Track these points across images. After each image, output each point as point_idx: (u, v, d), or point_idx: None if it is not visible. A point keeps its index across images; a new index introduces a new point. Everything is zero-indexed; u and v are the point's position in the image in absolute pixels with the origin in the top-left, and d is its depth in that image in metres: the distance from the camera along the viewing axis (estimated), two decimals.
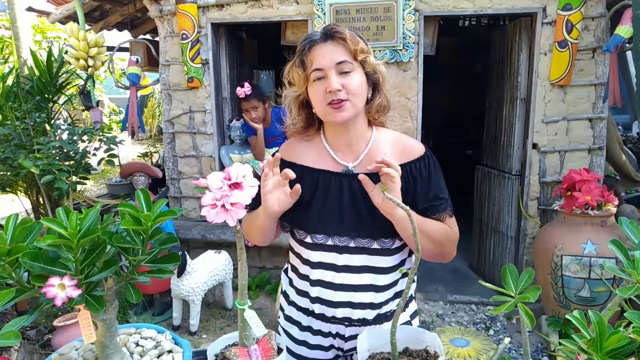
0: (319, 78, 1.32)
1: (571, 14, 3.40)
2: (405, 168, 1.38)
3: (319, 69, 1.31)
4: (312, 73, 1.32)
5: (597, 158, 3.69)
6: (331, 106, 1.31)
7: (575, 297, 3.23)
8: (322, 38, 1.33)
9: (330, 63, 1.30)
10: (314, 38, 1.34)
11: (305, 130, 1.48)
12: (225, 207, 0.96)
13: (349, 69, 1.30)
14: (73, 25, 4.20)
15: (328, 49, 1.31)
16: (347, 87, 1.30)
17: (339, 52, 1.31)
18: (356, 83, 1.31)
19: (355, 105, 1.32)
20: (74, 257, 0.98)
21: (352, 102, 1.31)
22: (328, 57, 1.30)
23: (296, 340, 1.53)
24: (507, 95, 4.03)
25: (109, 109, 11.82)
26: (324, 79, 1.31)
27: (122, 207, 1.02)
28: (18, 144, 3.69)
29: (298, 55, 1.36)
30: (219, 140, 4.27)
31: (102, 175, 9.21)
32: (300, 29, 4.01)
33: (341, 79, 1.30)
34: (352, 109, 1.32)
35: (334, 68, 1.30)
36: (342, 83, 1.29)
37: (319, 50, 1.32)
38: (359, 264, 1.38)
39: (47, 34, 10.25)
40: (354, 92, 1.31)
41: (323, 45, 1.32)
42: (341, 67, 1.30)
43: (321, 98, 1.32)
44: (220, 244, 4.13)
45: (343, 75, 1.30)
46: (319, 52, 1.32)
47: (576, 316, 0.85)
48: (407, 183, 1.37)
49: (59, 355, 1.21)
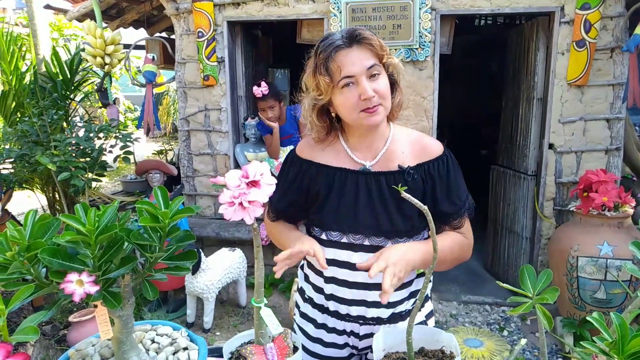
0: (347, 84, 1.29)
1: (589, 13, 3.35)
2: (423, 167, 1.38)
3: (350, 75, 1.27)
4: (341, 80, 1.28)
5: (614, 159, 3.64)
6: (365, 112, 1.29)
7: (591, 299, 3.19)
8: (347, 43, 1.28)
9: (361, 69, 1.27)
10: (339, 43, 1.28)
11: (326, 137, 1.45)
12: (242, 205, 0.96)
13: (377, 71, 1.29)
14: (90, 23, 4.24)
15: (355, 54, 1.28)
16: (378, 91, 1.28)
17: (366, 56, 1.28)
18: (384, 86, 1.31)
19: (386, 108, 1.32)
20: (92, 254, 0.99)
21: (384, 105, 1.31)
22: (358, 64, 1.27)
23: (311, 337, 1.53)
24: (523, 95, 3.99)
25: (125, 106, 11.91)
26: (354, 85, 1.28)
27: (140, 204, 1.02)
28: (35, 140, 3.74)
29: (322, 63, 1.29)
30: (234, 138, 4.28)
31: (117, 172, 9.29)
32: (316, 28, 4.00)
33: (372, 84, 1.28)
34: (384, 112, 1.32)
35: (365, 74, 1.27)
36: (373, 88, 1.28)
37: (345, 56, 1.28)
38: None
39: (64, 31, 10.35)
40: (384, 95, 1.30)
41: (350, 51, 1.28)
42: (371, 72, 1.28)
43: (353, 104, 1.29)
44: (234, 242, 4.14)
45: (372, 80, 1.29)
46: (347, 59, 1.27)
47: (596, 318, 0.84)
48: (425, 183, 1.37)
49: (76, 350, 1.22)
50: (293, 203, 1.47)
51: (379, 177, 1.38)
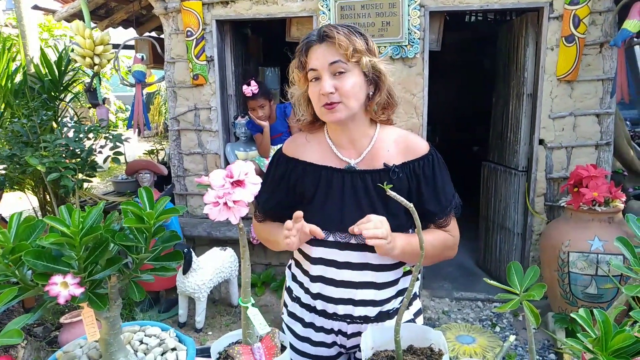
0: (315, 78, 1.33)
1: (578, 9, 3.36)
2: (409, 166, 1.38)
3: (314, 69, 1.32)
4: (308, 73, 1.34)
5: (604, 154, 3.66)
6: (325, 107, 1.32)
7: (583, 294, 3.21)
8: (318, 39, 1.33)
9: (323, 64, 1.30)
10: (311, 39, 1.34)
11: (312, 124, 1.49)
12: (227, 205, 0.95)
13: (342, 69, 1.30)
14: (79, 23, 4.21)
15: (322, 50, 1.32)
16: (340, 89, 1.30)
17: (332, 53, 1.30)
18: (349, 85, 1.31)
19: (348, 107, 1.32)
20: (77, 255, 0.98)
21: (345, 104, 1.31)
22: (321, 59, 1.31)
23: (299, 337, 1.54)
24: (513, 91, 4.00)
25: (115, 106, 11.85)
26: (320, 80, 1.32)
27: (125, 205, 1.02)
28: (25, 141, 3.71)
29: (297, 57, 1.37)
30: (224, 137, 4.27)
31: (108, 172, 9.24)
32: (305, 25, 3.99)
33: (335, 81, 1.30)
34: (345, 110, 1.32)
35: (328, 69, 1.30)
36: (336, 85, 1.30)
37: (314, 51, 1.33)
38: (360, 260, 1.39)
39: (54, 32, 10.28)
40: (346, 94, 1.31)
41: (319, 47, 1.32)
42: (334, 68, 1.30)
43: (316, 99, 1.34)
44: (225, 241, 4.14)
45: (337, 77, 1.30)
46: (314, 54, 1.33)
47: (582, 315, 0.84)
48: (411, 182, 1.38)
49: (63, 352, 1.21)
50: (280, 202, 1.47)
51: (364, 176, 1.39)
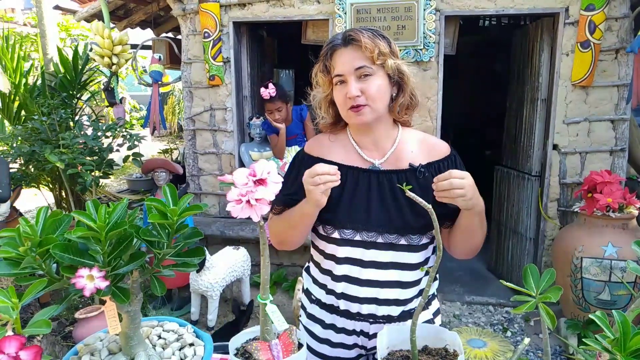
0: (340, 82, 1.36)
1: (594, 15, 3.36)
2: (434, 166, 1.41)
3: (340, 74, 1.35)
4: (334, 78, 1.37)
5: (619, 160, 3.64)
6: (351, 110, 1.35)
7: (595, 300, 3.20)
8: (342, 43, 1.35)
9: (349, 69, 1.33)
10: (336, 43, 1.37)
11: (333, 126, 1.51)
12: (249, 203, 0.98)
13: (368, 72, 1.32)
14: (98, 24, 4.27)
15: (348, 54, 1.34)
16: (366, 92, 1.32)
17: (357, 57, 1.33)
18: (375, 88, 1.33)
19: (374, 109, 1.35)
20: (102, 250, 1.01)
21: (372, 106, 1.34)
22: (348, 64, 1.33)
23: (318, 338, 1.54)
24: (527, 96, 4.00)
25: (130, 106, 11.97)
26: (344, 84, 1.34)
27: (149, 201, 1.04)
28: (43, 138, 3.77)
29: (322, 60, 1.40)
30: (238, 137, 4.31)
31: (122, 171, 9.33)
32: (321, 28, 4.02)
33: (361, 84, 1.32)
34: (371, 113, 1.35)
35: (354, 74, 1.33)
36: (362, 88, 1.32)
37: (339, 56, 1.35)
38: (386, 260, 1.40)
39: (72, 31, 10.41)
40: (372, 97, 1.33)
41: (344, 51, 1.35)
42: (360, 72, 1.32)
43: (342, 102, 1.36)
44: (238, 240, 4.17)
45: (363, 80, 1.33)
46: (339, 58, 1.35)
47: (599, 316, 0.85)
48: None
49: (84, 345, 1.24)
50: None
51: (390, 175, 1.40)
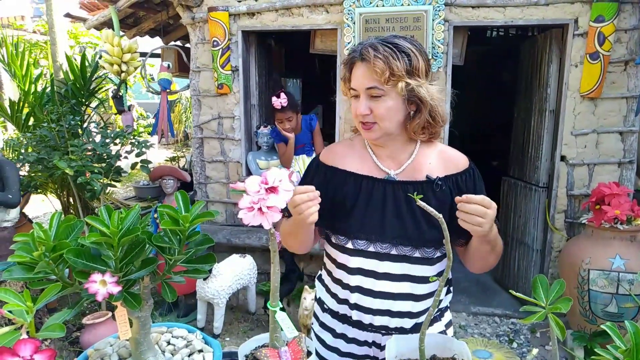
0: (354, 96, 1.36)
1: (603, 26, 3.36)
2: (452, 180, 1.39)
3: (354, 89, 1.35)
4: (350, 90, 1.37)
5: (627, 172, 3.63)
6: (361, 125, 1.35)
7: (602, 312, 3.17)
8: (359, 57, 1.33)
9: (361, 86, 1.33)
10: (354, 56, 1.35)
11: None
12: (261, 210, 0.98)
13: (377, 94, 1.31)
14: (108, 32, 4.32)
15: (362, 71, 1.32)
16: (374, 111, 1.32)
17: (369, 76, 1.30)
18: (383, 109, 1.31)
19: (383, 128, 1.34)
20: (115, 255, 1.02)
21: (380, 125, 1.33)
22: (360, 80, 1.33)
23: (328, 346, 1.53)
24: (535, 107, 4.00)
25: (137, 113, 12.04)
26: (358, 98, 1.34)
27: (162, 207, 1.05)
28: (52, 145, 3.80)
29: (343, 70, 1.40)
30: (246, 146, 4.32)
31: (128, 178, 9.38)
32: (330, 38, 4.04)
33: (371, 103, 1.32)
34: (380, 131, 1.35)
35: (365, 92, 1.32)
36: (371, 107, 1.32)
37: (356, 70, 1.34)
38: (399, 272, 1.38)
39: (80, 39, 10.51)
40: (380, 117, 1.32)
41: (360, 65, 1.32)
42: (370, 92, 1.31)
43: (354, 115, 1.37)
44: (245, 249, 4.17)
45: (373, 99, 1.32)
46: (355, 72, 1.34)
47: (610, 326, 0.86)
48: (454, 194, 1.35)
49: (94, 350, 1.25)
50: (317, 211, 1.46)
51: (406, 186, 1.38)
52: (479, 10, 3.64)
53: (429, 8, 3.59)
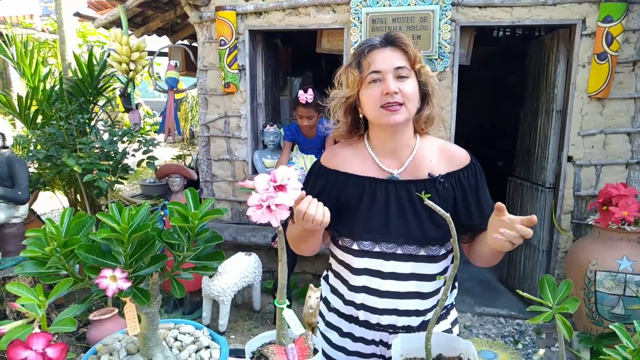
0: (374, 80, 1.33)
1: (611, 26, 3.35)
2: (454, 176, 1.39)
3: (377, 71, 1.32)
4: (368, 75, 1.33)
5: (635, 173, 3.62)
6: (386, 109, 1.31)
7: (609, 314, 3.16)
8: (382, 43, 1.35)
9: (389, 67, 1.31)
10: (374, 43, 1.36)
11: (348, 135, 1.49)
12: (270, 208, 0.99)
13: (405, 74, 1.32)
14: (117, 31, 4.34)
15: (387, 53, 1.33)
16: (403, 91, 1.31)
17: (398, 57, 1.33)
18: (411, 89, 1.33)
19: (409, 110, 1.33)
20: (125, 251, 1.03)
21: (407, 106, 1.32)
22: (388, 61, 1.32)
23: (334, 345, 1.53)
24: (542, 107, 3.99)
25: (144, 111, 12.09)
26: (380, 82, 1.32)
27: (172, 204, 1.06)
28: (60, 143, 3.83)
29: (355, 58, 1.37)
30: (252, 144, 4.34)
31: (135, 175, 9.41)
32: (336, 37, 4.05)
33: (398, 83, 1.31)
34: (406, 113, 1.33)
35: (392, 72, 1.31)
36: (399, 87, 1.31)
37: (378, 54, 1.34)
38: (406, 271, 1.38)
39: (88, 38, 10.55)
40: (409, 97, 1.32)
41: (382, 50, 1.34)
42: (399, 72, 1.31)
43: (376, 100, 1.32)
44: (250, 247, 4.19)
45: (399, 80, 1.32)
46: (378, 56, 1.33)
47: (619, 326, 0.86)
48: (457, 191, 1.38)
49: (103, 345, 1.26)
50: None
51: (409, 186, 1.38)
52: (486, 10, 3.63)
53: (436, 8, 3.59)
